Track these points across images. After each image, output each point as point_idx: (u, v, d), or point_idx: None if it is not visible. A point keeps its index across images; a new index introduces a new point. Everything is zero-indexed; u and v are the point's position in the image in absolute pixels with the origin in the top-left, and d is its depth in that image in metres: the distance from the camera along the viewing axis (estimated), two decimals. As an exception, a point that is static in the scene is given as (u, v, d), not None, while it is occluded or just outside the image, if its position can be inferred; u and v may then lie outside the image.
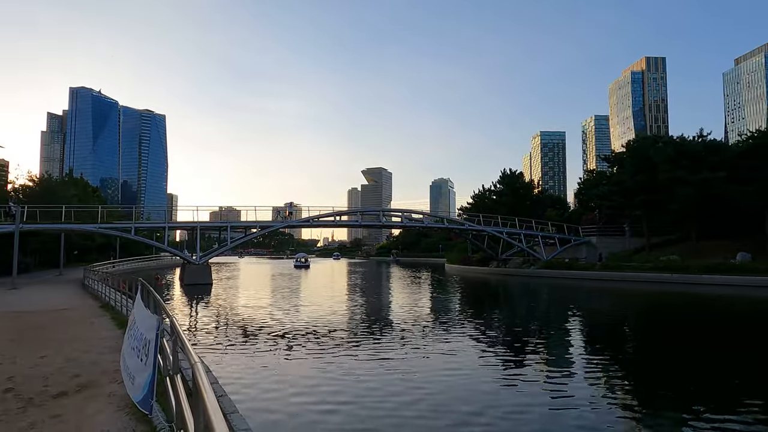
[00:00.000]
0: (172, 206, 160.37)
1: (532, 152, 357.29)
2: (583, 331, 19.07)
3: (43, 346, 9.88)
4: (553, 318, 22.86)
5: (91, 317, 14.80)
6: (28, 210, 39.05)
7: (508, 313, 25.19)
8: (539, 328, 19.13)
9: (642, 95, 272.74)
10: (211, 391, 2.14)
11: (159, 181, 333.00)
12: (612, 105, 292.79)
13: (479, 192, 74.52)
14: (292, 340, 15.18)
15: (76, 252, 64.20)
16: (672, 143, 47.56)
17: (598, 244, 53.86)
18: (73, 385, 7.02)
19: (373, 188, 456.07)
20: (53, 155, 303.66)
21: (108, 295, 19.01)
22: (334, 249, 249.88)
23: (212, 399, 2.04)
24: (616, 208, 49.42)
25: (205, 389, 2.17)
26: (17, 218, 29.82)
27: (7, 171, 60.67)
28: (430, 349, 13.87)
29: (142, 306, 6.23)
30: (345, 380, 10.34)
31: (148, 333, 4.65)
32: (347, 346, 14.21)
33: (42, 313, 15.94)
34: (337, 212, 46.99)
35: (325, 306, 25.55)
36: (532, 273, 49.84)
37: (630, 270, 42.03)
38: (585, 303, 29.77)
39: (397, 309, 25.18)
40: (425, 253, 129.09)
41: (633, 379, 11.07)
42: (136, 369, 5.09)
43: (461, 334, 16.77)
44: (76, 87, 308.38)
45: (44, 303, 19.81)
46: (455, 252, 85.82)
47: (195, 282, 38.58)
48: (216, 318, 21.33)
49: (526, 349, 14.57)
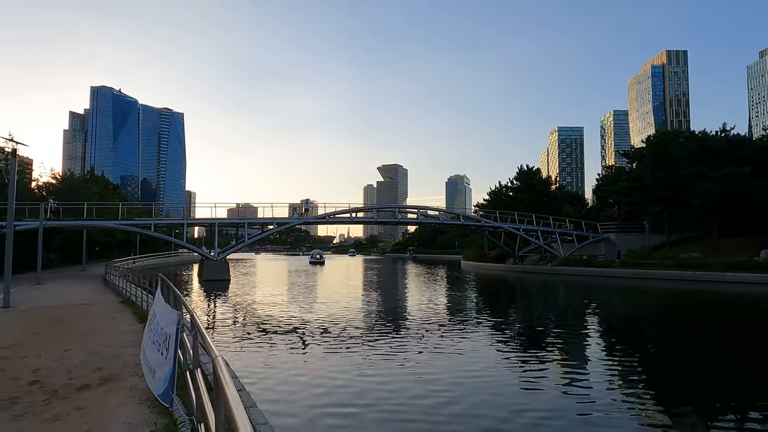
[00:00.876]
0: (190, 203, 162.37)
1: (550, 148, 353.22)
2: (603, 330, 18.81)
3: (67, 340, 10.10)
4: (573, 316, 22.59)
5: (112, 312, 15.09)
6: (51, 207, 39.86)
7: (526, 311, 24.97)
8: (559, 327, 18.93)
9: (662, 90, 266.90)
10: (232, 385, 2.15)
11: (177, 178, 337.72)
12: (631, 100, 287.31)
13: (496, 188, 73.98)
14: (310, 337, 15.27)
15: (98, 248, 65.49)
16: (694, 138, 46.60)
17: (616, 240, 53.09)
18: (96, 378, 7.16)
19: (389, 185, 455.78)
20: (75, 153, 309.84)
21: (129, 290, 19.36)
22: (350, 246, 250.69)
23: (233, 393, 2.05)
24: (635, 205, 48.60)
25: (226, 383, 2.18)
26: (41, 215, 30.52)
27: (32, 169, 62.13)
28: (450, 349, 13.61)
29: (163, 301, 6.32)
30: (362, 379, 10.24)
31: (169, 327, 4.71)
32: (365, 344, 14.22)
33: (65, 308, 16.29)
34: (353, 209, 47.06)
35: (342, 302, 25.64)
36: (550, 270, 49.34)
37: (650, 267, 41.35)
38: (604, 301, 29.36)
39: (414, 306, 25.16)
40: (441, 250, 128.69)
41: (657, 382, 10.78)
42: (157, 363, 5.17)
43: (481, 333, 16.68)
44: (97, 86, 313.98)
45: (67, 298, 20.24)
46: (471, 249, 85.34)
47: (213, 278, 39.08)
48: (234, 313, 21.57)
49: (547, 349, 14.40)
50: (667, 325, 20.25)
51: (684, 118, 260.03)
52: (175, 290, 7.26)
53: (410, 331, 16.79)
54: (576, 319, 21.56)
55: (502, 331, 17.22)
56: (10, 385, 6.89)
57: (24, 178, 49.23)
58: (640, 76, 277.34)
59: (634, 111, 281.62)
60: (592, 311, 24.13)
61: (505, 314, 22.91)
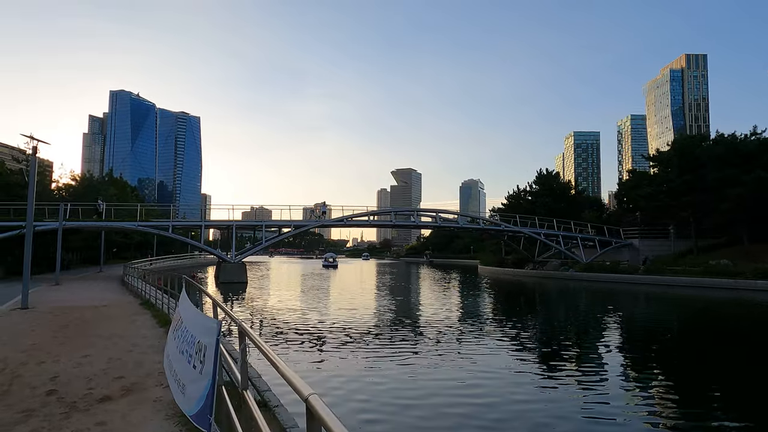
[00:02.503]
0: (205, 206, 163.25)
1: (565, 153, 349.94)
2: (630, 340, 17.84)
3: (86, 344, 9.62)
4: (598, 325, 21.64)
5: (132, 314, 14.66)
6: (71, 208, 39.99)
7: (550, 318, 24.07)
8: (584, 337, 18.08)
9: (681, 94, 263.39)
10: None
11: (193, 181, 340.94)
12: (649, 104, 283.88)
13: (514, 192, 72.88)
14: (334, 343, 14.68)
15: (115, 249, 65.90)
16: (722, 141, 45.19)
17: (640, 246, 51.73)
18: (118, 388, 6.63)
19: (403, 189, 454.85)
20: (94, 156, 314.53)
21: (148, 292, 18.98)
22: (364, 249, 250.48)
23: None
24: (661, 210, 47.21)
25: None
26: (60, 215, 30.47)
27: (52, 171, 62.60)
28: (472, 358, 12.98)
29: (191, 305, 5.75)
30: (390, 387, 9.80)
31: (204, 337, 4.13)
32: (388, 351, 13.62)
33: (84, 310, 15.92)
34: (370, 212, 46.54)
35: (364, 308, 25.04)
36: (571, 276, 48.17)
37: (677, 274, 40.03)
38: (631, 309, 28.31)
39: (433, 312, 24.43)
40: (457, 255, 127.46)
41: (689, 401, 9.94)
42: (187, 376, 4.59)
43: (505, 342, 15.93)
44: (115, 90, 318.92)
45: (86, 299, 19.94)
46: (487, 254, 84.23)
47: (230, 280, 38.74)
48: (256, 318, 21.07)
49: (573, 360, 13.61)
50: (697, 336, 19.18)
51: (703, 122, 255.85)
52: (210, 295, 6.70)
53: (433, 339, 16.10)
54: (602, 328, 20.63)
55: (528, 340, 16.46)
56: (27, 394, 6.39)
57: (44, 179, 49.60)
58: (659, 81, 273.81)
59: (652, 115, 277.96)
60: (619, 320, 23.14)
61: (530, 322, 22.08)
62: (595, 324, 21.63)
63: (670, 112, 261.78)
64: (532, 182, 68.67)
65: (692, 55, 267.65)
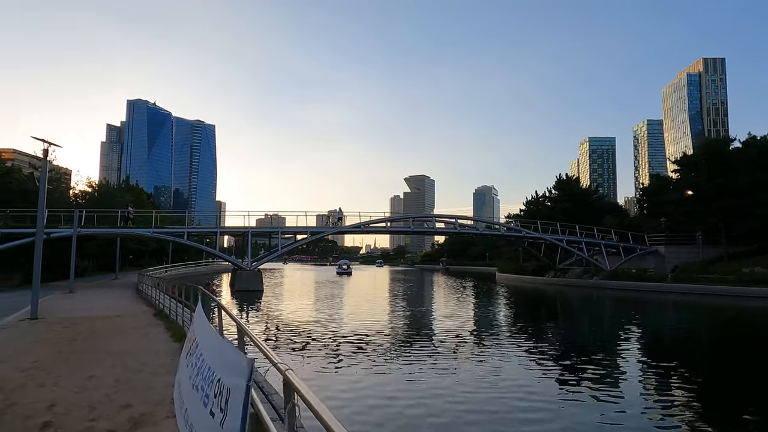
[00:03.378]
0: (220, 213, 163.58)
1: (580, 159, 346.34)
2: (665, 354, 16.44)
3: (92, 362, 8.74)
4: (628, 336, 20.29)
5: (145, 326, 13.81)
6: (86, 215, 39.68)
7: (577, 329, 22.71)
8: (615, 348, 16.86)
9: (699, 98, 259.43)
10: None
11: (208, 188, 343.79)
12: (666, 109, 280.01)
13: (532, 198, 71.40)
14: (363, 358, 13.67)
15: (131, 256, 65.79)
16: (754, 143, 43.42)
17: (666, 253, 49.89)
18: (124, 420, 5.68)
19: (416, 196, 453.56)
20: (111, 165, 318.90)
21: (162, 301, 18.17)
22: (377, 256, 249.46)
23: None
24: (690, 215, 45.40)
25: None
26: (75, 222, 30.00)
27: (69, 178, 62.82)
28: (500, 373, 12.06)
29: (210, 327, 4.79)
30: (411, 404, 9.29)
31: (229, 377, 3.13)
32: (419, 364, 12.59)
33: (95, 320, 15.14)
34: (388, 218, 45.62)
35: (384, 320, 24.03)
36: (595, 284, 46.53)
37: (708, 282, 38.28)
38: (661, 319, 26.84)
39: (455, 322, 23.29)
40: (473, 262, 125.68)
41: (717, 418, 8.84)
42: (202, 423, 3.58)
43: (535, 355, 14.77)
44: (132, 99, 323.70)
45: (98, 308, 19.22)
46: (504, 261, 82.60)
47: (246, 288, 37.94)
48: (276, 328, 20.15)
49: (610, 377, 12.40)
50: (734, 348, 17.64)
51: (722, 127, 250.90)
52: (235, 319, 5.65)
53: (460, 350, 15.00)
54: (635, 338, 19.37)
55: (560, 351, 15.29)
56: (19, 427, 5.48)
57: (60, 185, 49.54)
58: (675, 85, 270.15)
59: (669, 120, 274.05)
60: (650, 330, 21.78)
61: (560, 333, 20.81)
62: (625, 334, 20.32)
63: (688, 117, 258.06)
64: (551, 188, 67.14)
65: (710, 59, 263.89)
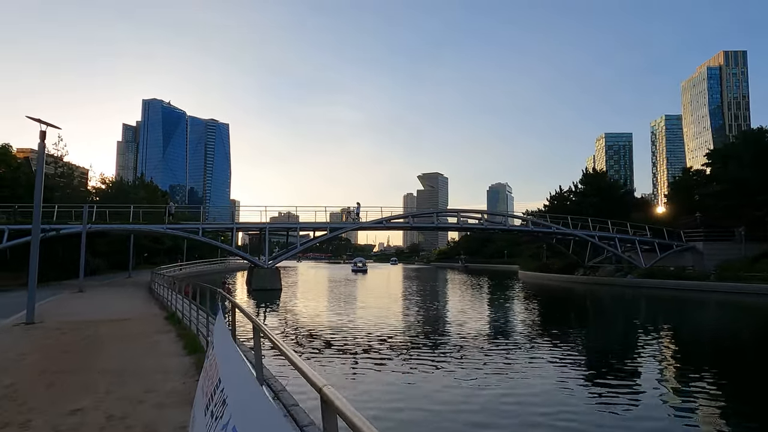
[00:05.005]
0: (235, 209, 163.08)
1: (596, 155, 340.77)
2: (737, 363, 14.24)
3: (82, 387, 6.81)
4: (688, 342, 18.02)
5: (154, 333, 11.94)
6: (98, 210, 38.28)
7: (624, 334, 20.32)
8: (677, 356, 14.61)
9: (720, 92, 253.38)
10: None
11: (223, 187, 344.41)
12: (685, 104, 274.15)
13: (556, 194, 68.85)
14: (392, 359, 11.66)
15: (146, 254, 64.61)
16: (804, 132, 40.51)
17: (704, 250, 46.94)
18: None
19: (429, 193, 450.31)
20: (127, 164, 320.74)
21: (174, 303, 16.32)
22: (392, 254, 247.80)
23: None
24: (731, 209, 42.53)
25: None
26: (84, 218, 28.40)
27: (87, 178, 61.56)
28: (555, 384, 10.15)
29: (236, 348, 2.82)
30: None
31: None
32: (454, 373, 10.58)
33: (99, 324, 13.32)
34: (411, 213, 43.66)
35: (414, 321, 22.03)
36: (630, 282, 43.92)
37: (759, 281, 35.47)
38: (712, 321, 24.46)
39: (488, 325, 21.19)
40: (489, 259, 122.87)
41: None
42: None
43: (582, 369, 12.62)
44: (148, 99, 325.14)
45: (106, 310, 17.47)
46: (525, 258, 79.94)
47: (263, 287, 36.07)
48: (296, 329, 18.23)
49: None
50: None
51: (744, 121, 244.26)
52: (276, 341, 3.45)
53: (494, 359, 12.91)
54: (690, 342, 17.03)
55: (611, 361, 13.11)
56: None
57: (72, 181, 48.31)
58: (695, 79, 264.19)
59: (688, 115, 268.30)
60: (711, 337, 19.40)
61: (605, 341, 18.58)
62: (681, 340, 18.02)
63: (708, 111, 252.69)
64: (577, 182, 64.37)
65: (731, 52, 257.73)
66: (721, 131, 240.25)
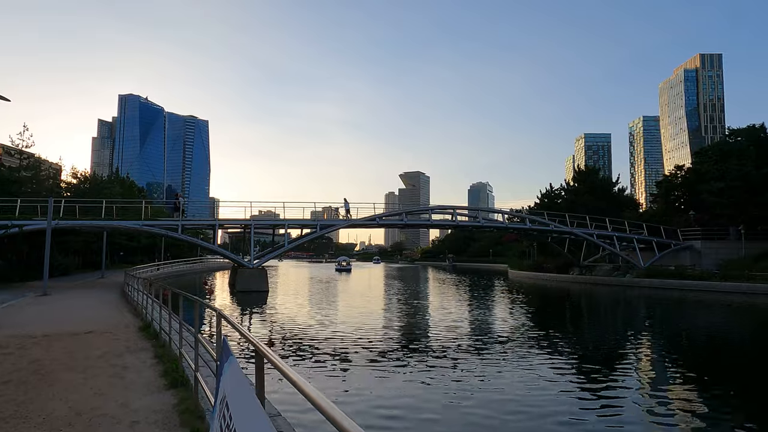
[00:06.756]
0: (214, 206, 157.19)
1: (576, 155, 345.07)
2: None
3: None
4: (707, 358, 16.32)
5: (124, 351, 9.57)
6: (69, 206, 35.23)
7: (640, 343, 18.55)
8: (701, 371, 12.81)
9: (696, 94, 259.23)
10: None
11: (202, 184, 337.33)
12: (662, 105, 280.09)
13: (546, 191, 67.57)
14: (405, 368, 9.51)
15: (122, 253, 61.22)
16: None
17: (702, 249, 45.93)
18: None
19: (411, 192, 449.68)
20: (103, 160, 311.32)
21: (151, 312, 13.85)
22: (374, 253, 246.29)
23: None
24: (733, 207, 41.43)
25: None
26: (49, 213, 25.54)
27: (60, 175, 57.82)
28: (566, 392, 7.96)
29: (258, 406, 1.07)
30: None
31: None
32: (469, 380, 8.48)
33: (55, 340, 10.85)
34: (404, 210, 41.60)
35: (416, 325, 19.93)
36: (629, 282, 42.62)
37: (763, 281, 34.39)
38: (725, 323, 22.97)
39: (486, 330, 19.21)
40: (474, 258, 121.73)
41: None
42: None
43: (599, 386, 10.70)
44: (124, 94, 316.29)
45: (68, 319, 14.92)
46: (512, 257, 78.57)
47: (249, 289, 33.45)
48: (296, 340, 15.93)
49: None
50: None
51: (719, 123, 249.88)
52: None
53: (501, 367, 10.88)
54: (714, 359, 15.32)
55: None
56: None
57: (39, 174, 44.84)
58: (672, 81, 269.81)
59: (666, 116, 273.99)
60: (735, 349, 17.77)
61: (623, 353, 16.76)
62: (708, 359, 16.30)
63: (685, 113, 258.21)
64: (570, 179, 63.14)
65: (707, 55, 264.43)
66: (697, 133, 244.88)
